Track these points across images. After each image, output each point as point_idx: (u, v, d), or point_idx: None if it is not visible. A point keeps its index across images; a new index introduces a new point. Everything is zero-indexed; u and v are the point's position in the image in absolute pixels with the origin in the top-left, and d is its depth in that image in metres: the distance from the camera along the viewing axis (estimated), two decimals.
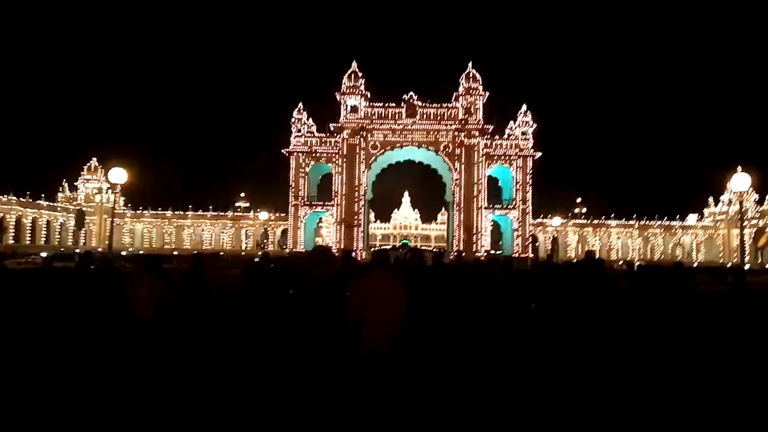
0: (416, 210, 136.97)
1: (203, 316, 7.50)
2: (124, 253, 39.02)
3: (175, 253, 42.22)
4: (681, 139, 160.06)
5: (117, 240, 68.59)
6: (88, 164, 68.34)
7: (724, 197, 69.89)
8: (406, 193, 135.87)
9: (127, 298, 5.79)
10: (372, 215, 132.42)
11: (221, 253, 45.79)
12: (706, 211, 72.15)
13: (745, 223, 66.63)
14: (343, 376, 4.88)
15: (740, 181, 13.11)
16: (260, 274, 9.89)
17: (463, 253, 24.09)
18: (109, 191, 69.66)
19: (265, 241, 66.68)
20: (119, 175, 16.31)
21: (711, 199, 71.88)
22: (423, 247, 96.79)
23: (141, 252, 50.40)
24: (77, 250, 50.91)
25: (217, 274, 11.02)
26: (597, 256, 11.47)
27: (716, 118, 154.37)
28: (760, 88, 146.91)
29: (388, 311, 4.65)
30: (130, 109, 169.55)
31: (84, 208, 65.94)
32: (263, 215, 44.80)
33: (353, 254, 13.89)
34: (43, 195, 61.34)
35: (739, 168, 68.70)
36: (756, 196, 68.08)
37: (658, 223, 69.98)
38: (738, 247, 67.52)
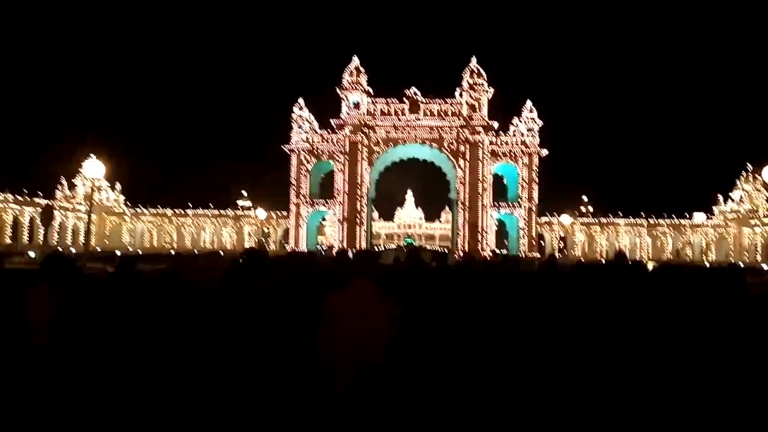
0: (419, 208, 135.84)
1: (170, 337, 5.80)
2: (100, 250, 37.95)
3: (173, 252, 41.06)
4: (688, 135, 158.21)
5: (117, 240, 67.66)
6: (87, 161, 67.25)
7: (735, 195, 68.29)
8: (410, 192, 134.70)
9: (20, 321, 4.00)
10: (376, 214, 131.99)
11: (221, 253, 44.68)
12: (715, 210, 70.54)
13: (755, 221, 65.16)
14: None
15: None
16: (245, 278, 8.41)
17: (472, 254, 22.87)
18: (109, 189, 68.71)
19: (266, 240, 65.53)
20: (96, 168, 15.14)
21: (720, 197, 70.26)
22: (427, 246, 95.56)
23: (137, 252, 49.26)
24: (59, 250, 49.79)
25: (199, 278, 9.67)
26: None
27: (725, 114, 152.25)
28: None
29: (366, 342, 3.40)
30: (133, 106, 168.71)
31: (56, 204, 64.93)
32: (261, 213, 43.49)
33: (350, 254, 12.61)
34: (40, 193, 60.32)
35: (749, 165, 67.61)
36: (767, 194, 66.48)
37: (668, 221, 68.47)
38: (749, 246, 65.96)
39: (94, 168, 15.44)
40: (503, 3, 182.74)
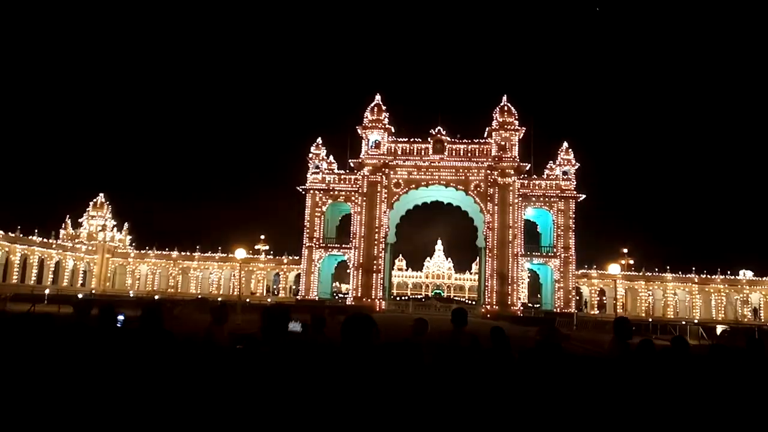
0: (449, 258, 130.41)
1: None
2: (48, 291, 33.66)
3: (157, 298, 36.36)
4: (732, 182, 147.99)
5: (120, 282, 63.76)
6: (95, 200, 64.27)
7: None
8: (440, 241, 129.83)
9: None
10: (404, 263, 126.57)
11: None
12: None
13: None
14: None
15: None
16: None
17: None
18: (116, 229, 65.32)
19: (276, 287, 60.72)
20: None
21: None
22: (455, 298, 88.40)
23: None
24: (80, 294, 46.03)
25: None
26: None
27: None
28: None
29: None
30: (143, 145, 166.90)
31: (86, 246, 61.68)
32: (240, 253, 38.02)
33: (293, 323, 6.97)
34: (36, 230, 56.65)
35: None
36: None
37: (722, 277, 61.07)
38: None
39: None
40: (539, 38, 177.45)
